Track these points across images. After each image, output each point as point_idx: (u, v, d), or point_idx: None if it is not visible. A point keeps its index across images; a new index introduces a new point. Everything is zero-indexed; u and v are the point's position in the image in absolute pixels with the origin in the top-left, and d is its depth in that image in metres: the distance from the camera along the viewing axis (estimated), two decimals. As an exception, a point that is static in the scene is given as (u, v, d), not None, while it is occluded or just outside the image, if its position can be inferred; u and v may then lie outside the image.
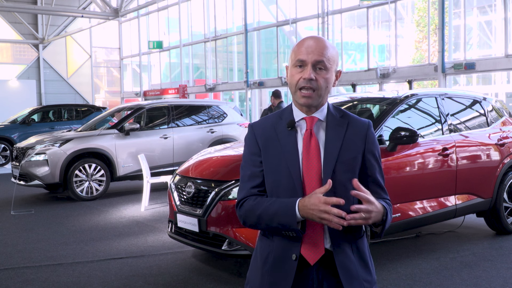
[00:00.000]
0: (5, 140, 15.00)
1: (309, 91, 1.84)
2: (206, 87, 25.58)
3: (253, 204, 1.86)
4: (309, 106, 1.87)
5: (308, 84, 1.83)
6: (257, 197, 1.88)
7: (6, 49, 30.51)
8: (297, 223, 1.76)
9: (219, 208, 4.37)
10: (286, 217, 1.77)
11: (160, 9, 28.82)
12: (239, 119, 11.03)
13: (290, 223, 1.76)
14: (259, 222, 1.85)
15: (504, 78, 21.35)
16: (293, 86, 1.87)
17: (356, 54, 22.61)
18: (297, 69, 1.86)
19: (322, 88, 1.85)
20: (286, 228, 1.79)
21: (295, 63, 1.86)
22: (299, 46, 1.87)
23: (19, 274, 4.85)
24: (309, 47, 1.84)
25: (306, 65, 1.83)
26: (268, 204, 1.83)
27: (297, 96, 1.87)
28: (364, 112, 5.57)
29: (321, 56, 1.83)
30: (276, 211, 1.79)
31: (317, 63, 1.83)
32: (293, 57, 1.87)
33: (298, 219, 1.75)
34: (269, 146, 1.91)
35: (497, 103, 6.37)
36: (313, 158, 1.84)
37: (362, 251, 1.90)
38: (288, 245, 1.85)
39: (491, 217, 5.83)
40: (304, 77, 1.83)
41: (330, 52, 1.85)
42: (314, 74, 1.83)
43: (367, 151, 1.90)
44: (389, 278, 4.50)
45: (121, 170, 9.16)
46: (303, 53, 1.84)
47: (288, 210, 1.76)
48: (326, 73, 1.84)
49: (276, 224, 1.80)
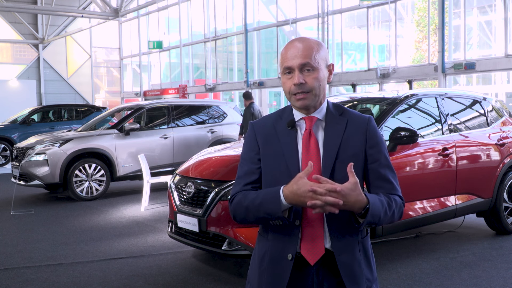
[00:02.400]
0: (5, 140, 15.00)
1: (302, 94, 1.85)
2: (206, 87, 25.59)
3: (241, 197, 1.88)
4: (306, 107, 1.88)
5: (299, 89, 1.84)
6: (247, 192, 1.89)
7: (6, 49, 30.51)
8: (283, 211, 1.76)
9: (219, 208, 4.37)
10: (271, 205, 1.76)
11: (160, 9, 28.83)
12: (239, 119, 11.04)
13: (275, 211, 1.76)
14: (247, 215, 1.86)
15: (504, 78, 21.35)
16: (287, 93, 1.89)
17: (356, 54, 22.61)
18: (287, 76, 1.87)
19: (315, 88, 1.85)
20: (273, 216, 1.78)
21: (283, 71, 1.88)
22: (284, 53, 1.88)
23: (19, 274, 4.85)
24: (293, 52, 1.85)
25: (294, 71, 1.84)
26: (254, 196, 1.83)
27: (293, 101, 1.89)
28: (364, 112, 5.57)
29: (305, 58, 1.83)
30: (262, 201, 1.80)
31: (302, 66, 1.83)
32: (281, 65, 1.89)
33: (284, 206, 1.75)
34: (269, 145, 1.92)
35: (497, 103, 6.37)
36: (313, 157, 1.85)
37: (367, 249, 1.91)
38: (284, 244, 1.85)
39: (491, 217, 5.83)
40: (294, 83, 1.84)
41: (314, 51, 1.85)
42: (303, 77, 1.83)
43: (368, 147, 1.89)
44: (389, 278, 4.50)
45: (121, 170, 9.16)
46: (288, 59, 1.85)
47: (273, 197, 1.76)
48: (314, 73, 1.84)
49: (263, 213, 1.80)
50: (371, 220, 1.76)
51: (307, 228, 1.83)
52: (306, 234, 1.83)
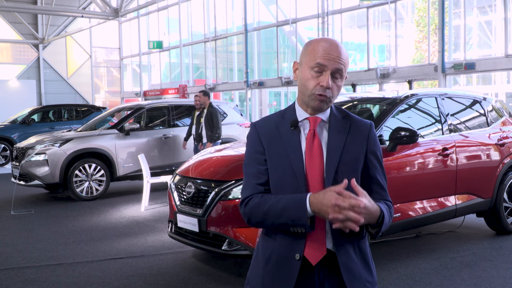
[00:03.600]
0: (5, 140, 15.00)
1: (324, 97, 1.83)
2: (206, 87, 25.59)
3: (259, 201, 1.84)
4: (321, 110, 1.87)
5: (323, 92, 1.81)
6: (264, 195, 1.86)
7: (6, 49, 30.51)
8: (307, 219, 1.75)
9: (219, 208, 4.37)
10: (296, 211, 1.74)
11: (160, 9, 28.83)
12: (239, 119, 11.04)
13: (300, 218, 1.74)
14: (265, 219, 1.83)
15: (504, 78, 21.35)
16: (307, 90, 1.84)
17: (356, 54, 22.61)
18: (314, 73, 1.81)
19: (335, 96, 1.86)
20: (296, 223, 1.76)
21: (313, 66, 1.81)
22: (316, 47, 1.81)
23: (19, 274, 4.85)
24: (330, 52, 1.79)
25: (325, 72, 1.80)
26: (275, 200, 1.81)
27: (312, 99, 1.84)
28: (364, 112, 5.57)
29: (341, 64, 1.80)
30: (285, 206, 1.77)
31: (336, 71, 1.81)
32: (311, 59, 1.81)
33: (308, 214, 1.73)
34: (272, 145, 1.90)
35: (497, 103, 6.37)
36: (316, 158, 1.84)
37: (364, 252, 1.90)
38: (291, 244, 1.84)
39: (491, 217, 5.83)
40: (322, 84, 1.80)
41: (345, 58, 1.82)
42: (331, 82, 1.81)
43: (369, 152, 1.90)
44: (389, 278, 4.50)
45: (121, 170, 9.16)
46: (323, 57, 1.79)
47: (299, 204, 1.74)
48: (341, 81, 1.84)
49: (285, 219, 1.77)
50: (383, 229, 1.81)
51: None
52: (310, 235, 1.83)
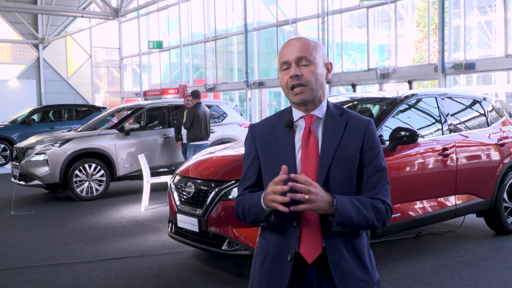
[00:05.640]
0: (5, 140, 15.00)
1: (299, 87, 1.85)
2: (206, 87, 25.59)
3: (238, 200, 1.97)
4: (304, 102, 1.87)
5: (296, 81, 1.85)
6: (246, 195, 1.95)
7: (6, 49, 30.51)
8: (269, 214, 1.82)
9: (219, 208, 4.37)
10: (256, 209, 1.84)
11: (160, 9, 28.83)
12: (239, 119, 11.04)
13: (259, 214, 1.83)
14: (244, 217, 1.93)
15: (504, 78, 21.34)
16: (285, 88, 1.90)
17: (356, 54, 22.60)
18: (284, 72, 1.89)
19: (312, 82, 1.85)
20: (259, 219, 1.85)
21: (281, 67, 1.90)
22: (282, 51, 1.91)
23: (19, 274, 4.85)
24: (289, 48, 1.88)
25: (290, 65, 1.86)
26: (248, 198, 1.91)
27: (291, 96, 1.89)
28: (364, 112, 5.57)
29: (301, 52, 1.85)
30: (251, 205, 1.87)
31: (299, 59, 1.85)
32: (279, 62, 1.91)
33: (265, 210, 1.80)
34: (267, 147, 1.93)
35: (497, 103, 6.37)
36: (311, 155, 1.85)
37: (359, 250, 1.88)
38: (284, 245, 1.86)
39: (491, 217, 5.83)
40: (290, 75, 1.85)
41: (312, 47, 1.87)
42: (299, 70, 1.85)
43: (364, 150, 1.88)
44: (389, 278, 4.51)
45: (121, 170, 9.16)
46: (285, 55, 1.87)
47: (257, 202, 1.83)
48: (311, 67, 1.86)
49: (253, 216, 1.87)
50: (340, 220, 1.74)
51: (305, 228, 1.84)
52: (305, 234, 1.84)
